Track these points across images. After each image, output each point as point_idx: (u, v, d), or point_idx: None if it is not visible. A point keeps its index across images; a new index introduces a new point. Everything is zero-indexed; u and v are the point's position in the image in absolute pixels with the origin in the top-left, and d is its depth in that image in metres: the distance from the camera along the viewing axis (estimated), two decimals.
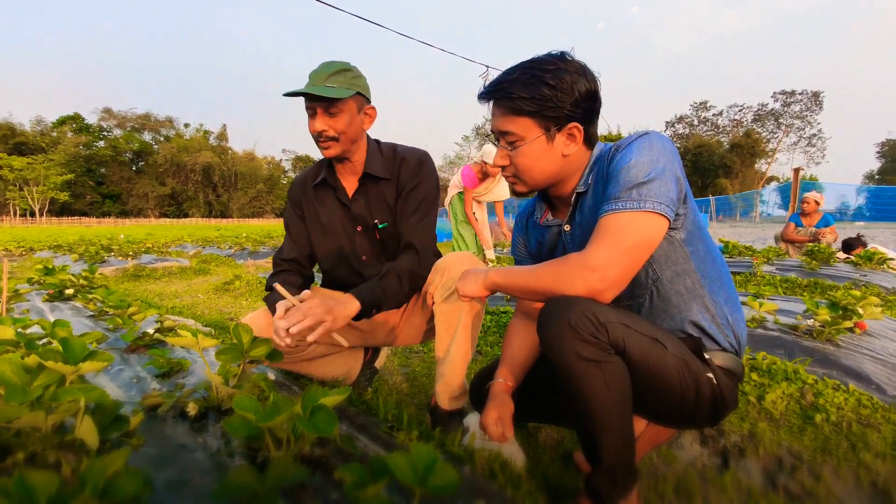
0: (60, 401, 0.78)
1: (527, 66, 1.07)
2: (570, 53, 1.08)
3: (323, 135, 1.45)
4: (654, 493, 1.25)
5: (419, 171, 1.60)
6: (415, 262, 1.52)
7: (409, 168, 1.60)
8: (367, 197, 1.60)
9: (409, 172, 1.59)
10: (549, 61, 1.05)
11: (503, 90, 1.07)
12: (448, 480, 0.63)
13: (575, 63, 1.06)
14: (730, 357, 1.09)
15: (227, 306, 3.97)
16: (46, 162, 56.10)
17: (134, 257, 6.85)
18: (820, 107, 55.82)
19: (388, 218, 1.60)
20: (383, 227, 1.60)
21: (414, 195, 1.58)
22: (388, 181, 1.60)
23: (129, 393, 1.22)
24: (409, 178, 1.59)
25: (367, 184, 1.60)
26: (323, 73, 1.42)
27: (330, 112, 1.43)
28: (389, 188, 1.60)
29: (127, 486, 0.58)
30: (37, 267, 3.37)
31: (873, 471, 1.32)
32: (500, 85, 1.08)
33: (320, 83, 1.41)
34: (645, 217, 0.97)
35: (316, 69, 1.44)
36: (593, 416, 0.94)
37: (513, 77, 1.06)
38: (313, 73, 1.43)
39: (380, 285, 1.44)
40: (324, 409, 0.77)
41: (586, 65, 1.08)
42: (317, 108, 1.43)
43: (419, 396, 1.97)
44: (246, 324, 1.08)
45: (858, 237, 5.75)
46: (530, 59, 1.09)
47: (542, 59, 1.07)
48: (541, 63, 1.06)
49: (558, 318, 0.94)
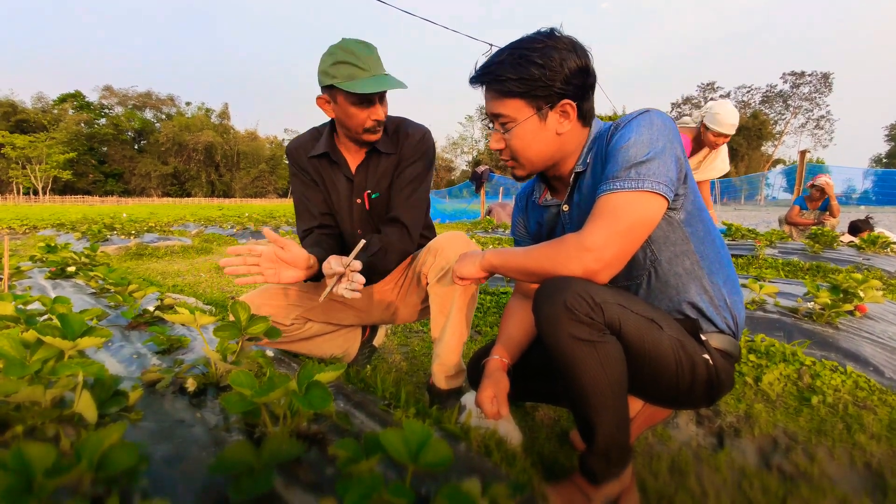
0: (59, 375, 0.78)
1: (514, 46, 1.05)
2: (559, 29, 1.06)
3: (381, 123, 1.47)
4: (649, 471, 1.26)
5: (419, 147, 1.59)
6: (402, 236, 1.53)
7: (412, 143, 1.59)
8: (367, 170, 1.60)
9: (411, 147, 1.59)
10: (538, 40, 1.03)
11: (492, 73, 1.06)
12: (441, 457, 0.64)
13: (564, 39, 1.04)
14: (726, 339, 1.09)
15: (228, 285, 3.99)
16: (48, 140, 55.97)
17: (136, 236, 6.85)
18: (829, 88, 55.06)
19: (381, 189, 1.60)
20: (375, 196, 1.60)
21: (410, 170, 1.58)
22: (389, 156, 1.59)
23: (129, 369, 1.23)
24: (409, 152, 1.59)
25: (371, 157, 1.60)
26: (375, 59, 1.39)
27: (382, 101, 1.45)
28: (391, 161, 1.60)
29: (122, 459, 0.59)
30: (39, 245, 3.38)
31: (868, 452, 1.33)
32: (489, 68, 1.07)
33: (383, 72, 1.41)
34: (643, 197, 0.96)
35: (356, 56, 1.37)
36: (588, 397, 0.95)
37: (501, 59, 1.05)
38: (362, 62, 1.37)
39: (371, 260, 1.43)
40: (319, 386, 0.77)
41: (576, 40, 1.05)
42: (375, 99, 1.42)
43: (418, 375, 1.98)
44: (244, 301, 1.09)
45: (866, 219, 5.72)
46: (518, 39, 1.07)
47: (530, 37, 1.05)
48: (529, 42, 1.03)
49: (554, 298, 0.94)
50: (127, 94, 72.63)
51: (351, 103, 1.41)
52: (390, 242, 1.49)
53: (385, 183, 1.61)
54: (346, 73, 1.36)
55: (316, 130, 1.66)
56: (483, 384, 1.18)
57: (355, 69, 1.36)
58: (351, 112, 1.43)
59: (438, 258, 1.45)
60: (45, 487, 0.54)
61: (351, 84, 1.36)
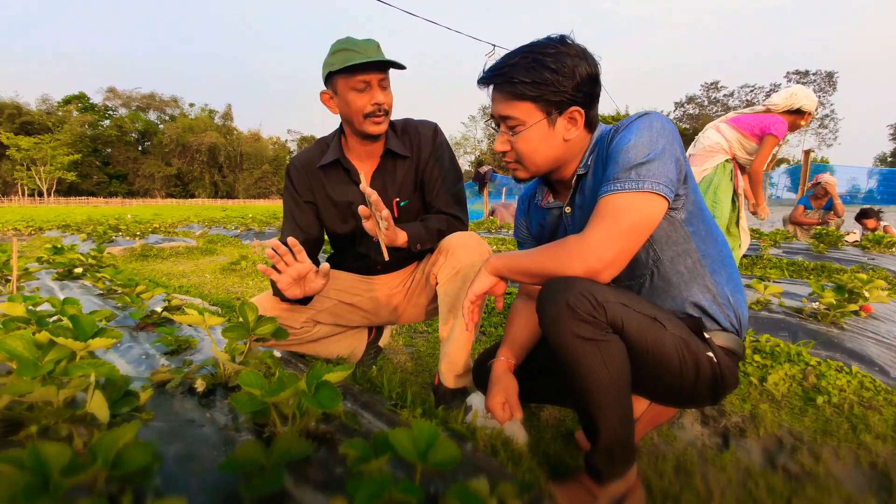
0: (71, 376, 0.79)
1: (527, 50, 1.06)
2: (570, 37, 1.07)
3: (381, 107, 1.44)
4: (654, 471, 1.26)
5: (436, 141, 1.61)
6: (454, 223, 1.58)
7: (427, 140, 1.60)
8: (384, 176, 1.59)
9: (428, 145, 1.60)
10: (550, 45, 1.04)
11: (504, 74, 1.06)
12: (449, 456, 0.65)
13: (575, 46, 1.05)
14: (730, 337, 1.10)
15: (233, 286, 4.00)
16: (53, 142, 56.20)
17: (141, 237, 6.89)
18: (833, 87, 54.77)
19: (407, 195, 1.60)
20: (404, 204, 1.60)
21: (440, 166, 1.59)
22: (405, 159, 1.59)
23: (138, 369, 1.24)
24: (429, 150, 1.60)
25: (386, 162, 1.59)
26: (370, 45, 1.40)
27: (382, 85, 1.44)
28: (407, 165, 1.59)
29: (137, 457, 0.60)
30: (46, 246, 3.40)
31: (873, 452, 1.33)
32: (500, 69, 1.07)
33: (376, 54, 1.39)
34: (643, 198, 0.97)
35: (352, 43, 1.40)
36: (591, 395, 0.95)
37: (514, 62, 1.05)
38: (357, 47, 1.39)
39: (423, 224, 1.48)
40: (328, 385, 0.78)
41: (586, 48, 1.07)
42: (372, 81, 1.41)
43: (423, 375, 1.99)
44: (252, 302, 1.10)
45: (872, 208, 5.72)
46: (530, 44, 1.07)
47: (543, 42, 1.06)
48: (541, 47, 1.04)
49: (556, 298, 0.95)
50: (131, 95, 73.00)
51: (350, 88, 1.41)
52: (450, 222, 1.55)
53: (409, 189, 1.60)
54: (342, 59, 1.39)
55: (322, 142, 1.65)
56: (493, 390, 1.18)
57: (351, 53, 1.38)
58: (350, 98, 1.43)
59: (450, 258, 1.45)
60: (61, 486, 0.55)
61: (345, 64, 1.38)
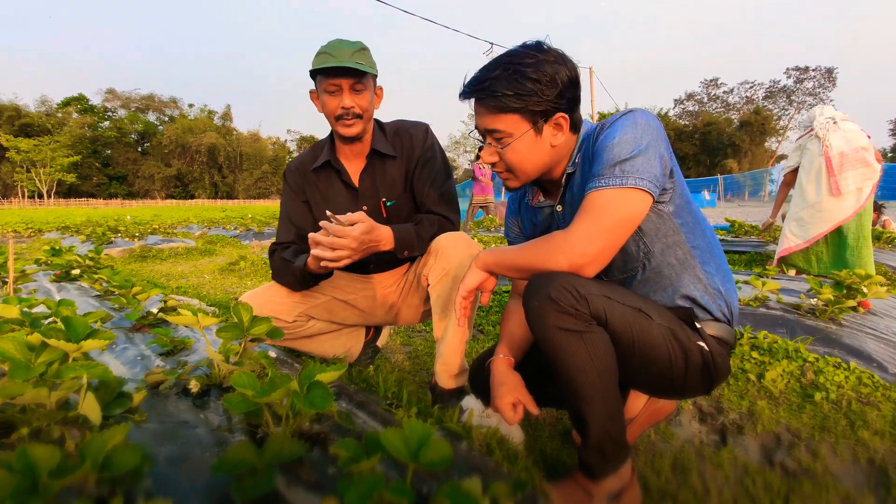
0: (63, 377, 0.79)
1: (506, 61, 1.05)
2: (547, 42, 1.07)
3: (350, 111, 1.46)
4: (651, 469, 1.26)
5: (427, 142, 1.61)
6: (444, 224, 1.57)
7: (417, 141, 1.61)
8: (373, 176, 1.60)
9: (419, 146, 1.60)
10: (528, 54, 1.03)
11: (486, 88, 1.05)
12: (441, 455, 0.64)
13: (553, 52, 1.05)
14: (722, 327, 1.10)
15: (232, 286, 4.00)
16: (53, 143, 56.14)
17: (140, 238, 6.88)
18: (833, 83, 54.66)
19: (395, 195, 1.60)
20: (391, 204, 1.60)
21: (430, 166, 1.59)
22: (394, 159, 1.60)
23: (133, 370, 1.24)
24: (419, 151, 1.60)
25: (373, 162, 1.60)
26: (346, 49, 1.42)
27: (356, 89, 1.45)
28: (396, 165, 1.60)
29: (126, 459, 0.60)
30: (44, 248, 3.40)
31: (871, 448, 1.33)
32: (482, 83, 1.06)
33: (348, 59, 1.41)
34: (627, 193, 0.98)
35: (332, 46, 1.43)
36: (577, 387, 0.96)
37: (495, 74, 1.04)
38: (334, 50, 1.42)
39: (415, 229, 1.47)
40: (320, 386, 0.78)
41: (564, 52, 1.07)
42: (342, 85, 1.44)
43: (421, 374, 1.99)
44: (246, 302, 1.09)
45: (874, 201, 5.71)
46: (507, 54, 1.07)
47: (520, 52, 1.05)
48: (520, 57, 1.04)
49: (539, 291, 0.96)
50: (130, 96, 72.79)
51: (323, 90, 1.47)
52: (434, 220, 1.54)
53: (398, 189, 1.61)
54: (318, 61, 1.44)
55: (317, 146, 1.69)
56: (500, 391, 1.14)
57: (327, 56, 1.43)
58: (324, 100, 1.49)
59: (440, 260, 1.45)
60: (51, 488, 0.54)
61: (318, 67, 1.43)
